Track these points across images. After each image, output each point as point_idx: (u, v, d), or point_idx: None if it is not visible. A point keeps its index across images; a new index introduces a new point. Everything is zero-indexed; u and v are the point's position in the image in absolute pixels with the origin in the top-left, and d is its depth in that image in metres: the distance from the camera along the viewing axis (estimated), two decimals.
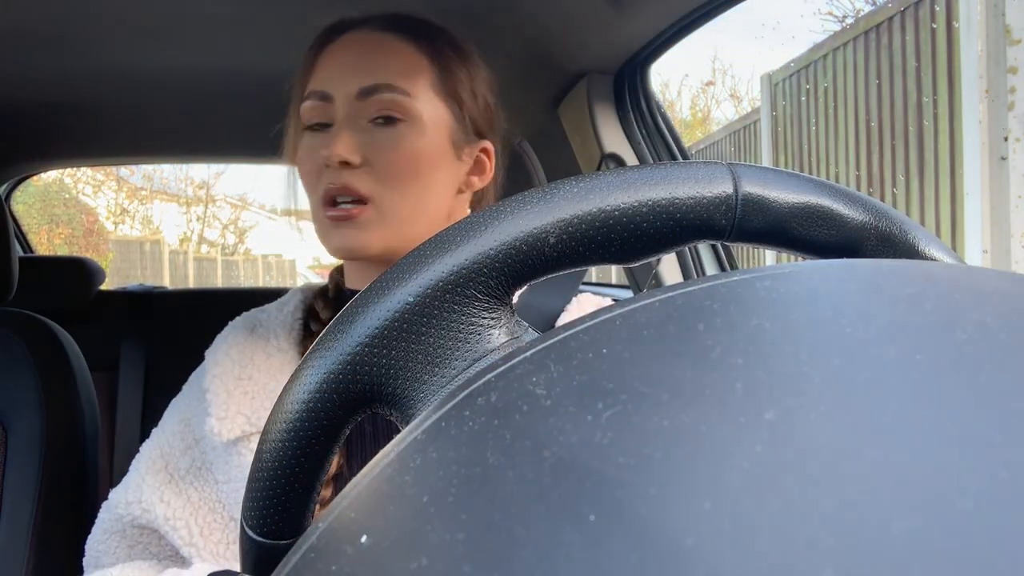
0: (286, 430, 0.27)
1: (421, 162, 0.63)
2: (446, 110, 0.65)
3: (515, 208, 0.27)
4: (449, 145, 0.66)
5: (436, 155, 0.64)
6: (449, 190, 0.67)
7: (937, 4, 3.47)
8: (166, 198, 14.41)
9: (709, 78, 13.77)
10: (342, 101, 0.63)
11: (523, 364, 0.19)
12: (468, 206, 0.71)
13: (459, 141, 0.66)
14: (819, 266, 0.21)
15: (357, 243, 0.63)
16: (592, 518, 0.13)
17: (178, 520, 0.65)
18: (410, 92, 0.63)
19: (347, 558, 0.16)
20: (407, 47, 0.65)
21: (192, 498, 0.66)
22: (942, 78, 3.45)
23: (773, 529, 0.12)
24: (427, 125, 0.64)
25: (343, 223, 0.63)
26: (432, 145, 0.64)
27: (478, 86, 0.69)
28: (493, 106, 0.71)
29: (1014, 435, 0.13)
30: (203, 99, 1.16)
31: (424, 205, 0.65)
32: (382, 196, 0.62)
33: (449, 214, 0.68)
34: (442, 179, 0.65)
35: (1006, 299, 0.19)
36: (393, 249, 0.65)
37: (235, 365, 0.67)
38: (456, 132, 0.66)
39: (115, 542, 0.70)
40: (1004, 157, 3.00)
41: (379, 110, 0.62)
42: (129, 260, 11.73)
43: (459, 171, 0.68)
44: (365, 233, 0.62)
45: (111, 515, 0.70)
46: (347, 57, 0.65)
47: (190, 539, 0.65)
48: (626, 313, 0.20)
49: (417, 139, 0.63)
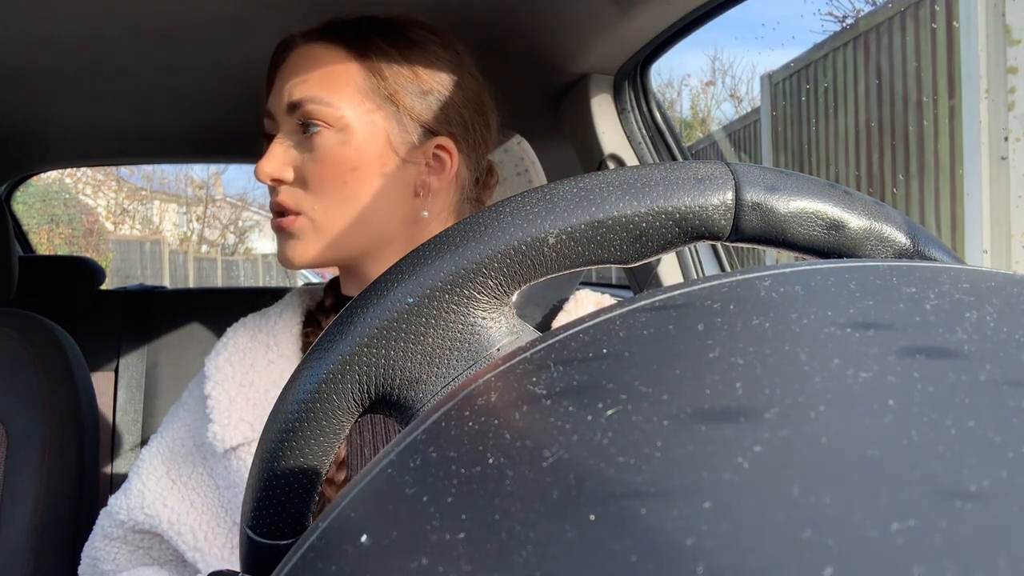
0: (286, 430, 0.27)
1: (346, 170, 0.63)
2: (379, 113, 0.64)
3: (515, 208, 0.27)
4: (387, 148, 0.64)
5: (368, 161, 0.63)
6: (398, 194, 0.65)
7: (937, 4, 3.47)
8: (166, 198, 14.42)
9: (709, 78, 13.75)
10: (279, 118, 0.65)
11: (523, 364, 0.19)
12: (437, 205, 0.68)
13: (401, 142, 0.65)
14: (819, 266, 0.21)
15: (295, 253, 0.64)
16: (592, 518, 0.13)
17: (183, 525, 0.65)
18: (330, 101, 0.63)
19: (347, 558, 0.16)
20: (335, 55, 0.64)
21: (195, 503, 0.66)
22: (942, 78, 3.45)
23: (773, 529, 0.12)
24: (354, 133, 0.63)
25: (283, 235, 0.65)
26: (361, 152, 0.63)
27: (429, 82, 0.66)
28: (461, 98, 0.67)
29: (1014, 435, 0.13)
30: (203, 99, 1.16)
31: (366, 213, 0.64)
32: (312, 207, 0.63)
33: (408, 218, 0.66)
34: (384, 184, 0.64)
35: (1006, 299, 0.19)
36: (349, 258, 0.66)
37: (236, 372, 0.67)
38: (395, 133, 0.64)
39: (115, 548, 0.70)
40: (1004, 157, 3.00)
41: (304, 123, 0.63)
42: (129, 260, 11.73)
43: (408, 173, 0.65)
44: (301, 243, 0.64)
45: (111, 521, 0.69)
46: (285, 73, 0.66)
47: (195, 544, 0.65)
48: (626, 313, 0.20)
49: (342, 148, 0.63)
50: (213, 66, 1.01)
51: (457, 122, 0.67)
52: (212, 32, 0.89)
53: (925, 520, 0.12)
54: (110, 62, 0.98)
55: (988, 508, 0.12)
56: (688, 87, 16.33)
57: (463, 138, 0.68)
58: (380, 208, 0.64)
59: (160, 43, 0.92)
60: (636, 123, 1.04)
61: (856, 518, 0.12)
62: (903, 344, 0.16)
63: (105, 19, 0.85)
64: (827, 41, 4.58)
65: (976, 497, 0.12)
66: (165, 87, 1.09)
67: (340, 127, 0.63)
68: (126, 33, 0.89)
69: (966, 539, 0.11)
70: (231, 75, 1.04)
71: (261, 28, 0.88)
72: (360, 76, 0.64)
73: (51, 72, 1.00)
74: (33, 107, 1.16)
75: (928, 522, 0.11)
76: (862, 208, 0.30)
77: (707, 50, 16.18)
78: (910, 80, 3.70)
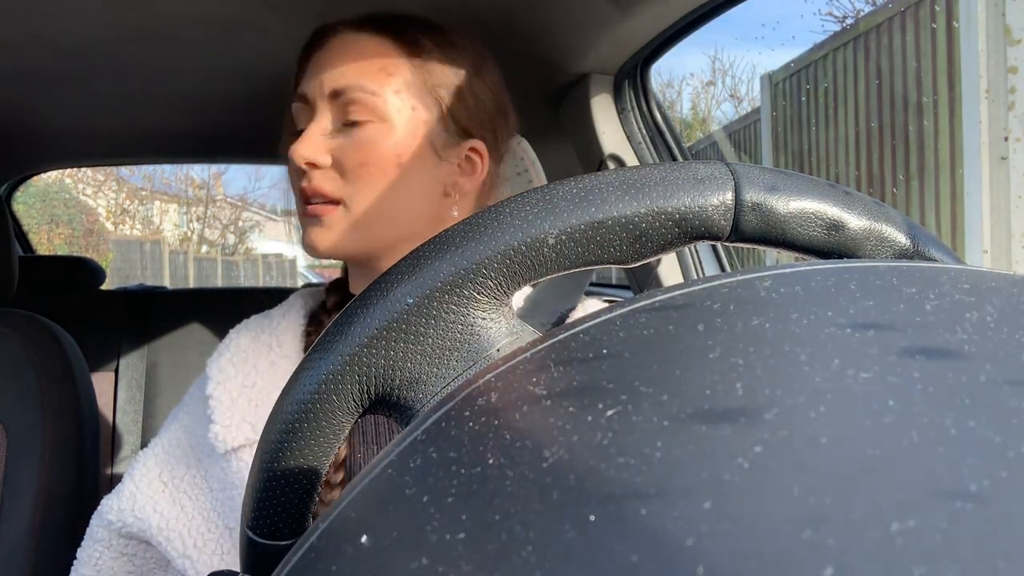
0: (286, 431, 0.27)
1: (388, 163, 0.62)
2: (423, 109, 0.64)
3: (514, 209, 0.27)
4: (427, 145, 0.64)
5: (408, 156, 0.63)
6: (429, 192, 0.65)
7: (937, 4, 3.47)
8: (166, 198, 14.42)
9: (709, 78, 13.75)
10: (318, 103, 0.64)
11: (523, 364, 0.19)
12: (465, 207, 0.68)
13: (440, 141, 0.64)
14: (819, 266, 0.21)
15: (325, 242, 0.63)
16: (592, 518, 0.13)
17: (172, 531, 0.65)
18: (377, 92, 0.62)
19: (347, 558, 0.16)
20: (382, 46, 0.64)
21: (186, 507, 0.66)
22: (942, 78, 3.45)
23: (773, 529, 0.12)
24: (397, 125, 0.62)
25: (313, 221, 0.64)
26: (403, 145, 0.63)
27: (469, 83, 0.66)
28: (492, 103, 0.68)
29: (1014, 435, 0.13)
30: (203, 99, 1.16)
31: (397, 207, 0.63)
32: (350, 197, 0.62)
33: (435, 217, 0.66)
34: (418, 181, 0.64)
35: (1006, 299, 0.19)
36: (371, 252, 0.65)
37: (239, 372, 0.66)
38: (436, 132, 0.64)
39: (98, 551, 0.69)
40: (1004, 157, 3.00)
41: (347, 111, 0.62)
42: (129, 260, 11.73)
43: (441, 172, 0.65)
44: (332, 233, 0.63)
45: (99, 521, 0.69)
46: (324, 60, 0.65)
47: (184, 551, 0.64)
48: (626, 313, 0.20)
49: (385, 139, 0.62)
50: (213, 66, 1.01)
51: (488, 126, 0.68)
52: (212, 32, 0.89)
53: (925, 520, 0.12)
54: (110, 62, 0.98)
55: (988, 508, 0.12)
56: (690, 86, 16.33)
57: (492, 143, 0.68)
58: (411, 204, 0.64)
59: (160, 43, 0.92)
60: (636, 123, 1.04)
61: (856, 518, 0.12)
62: (903, 344, 0.16)
63: (105, 19, 0.85)
64: (827, 41, 4.58)
65: (976, 497, 0.12)
66: (165, 87, 1.09)
67: (384, 118, 0.62)
68: (126, 33, 0.89)
69: (966, 539, 0.11)
70: (231, 75, 1.04)
71: (262, 28, 0.88)
72: (408, 71, 0.64)
73: (51, 72, 1.00)
74: (33, 107, 1.16)
75: (928, 522, 0.11)
76: (862, 208, 0.29)
77: (707, 50, 16.17)
78: (910, 80, 3.70)
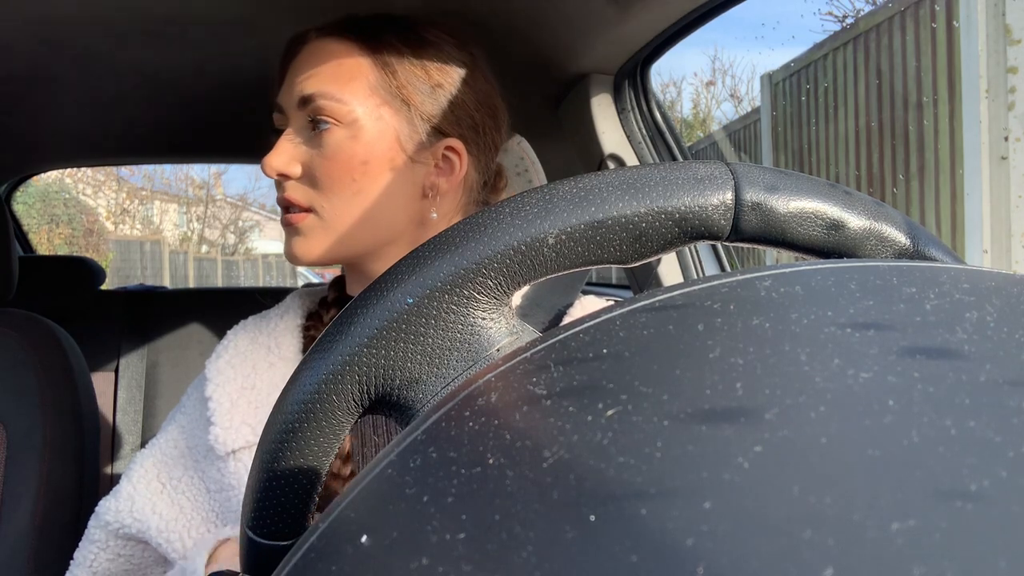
0: (285, 430, 0.27)
1: (355, 168, 0.62)
2: (391, 112, 0.63)
3: (514, 209, 0.27)
4: (397, 148, 0.63)
5: (377, 160, 0.63)
6: (405, 194, 0.65)
7: (937, 4, 3.47)
8: (166, 198, 14.43)
9: (709, 78, 13.75)
10: (289, 112, 0.65)
11: (523, 364, 0.19)
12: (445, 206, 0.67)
13: (411, 143, 0.64)
14: (819, 266, 0.21)
15: (301, 250, 0.64)
16: (592, 518, 0.13)
17: (172, 532, 0.65)
18: (342, 98, 0.62)
19: (347, 558, 0.16)
20: (348, 50, 0.64)
21: (185, 508, 0.66)
22: (942, 78, 3.45)
23: (773, 529, 0.12)
24: (364, 130, 0.62)
25: (291, 231, 0.64)
26: (371, 150, 0.62)
27: (441, 82, 0.65)
28: (472, 100, 0.67)
29: (1014, 435, 0.13)
30: (203, 99, 1.16)
31: (372, 212, 0.63)
32: (321, 204, 0.63)
33: (415, 218, 0.66)
34: (392, 184, 0.63)
35: (1006, 299, 0.19)
36: (353, 257, 0.66)
37: (238, 374, 0.66)
38: (406, 134, 0.64)
39: (94, 552, 0.69)
40: (1004, 157, 3.00)
41: (316, 118, 0.63)
42: (129, 260, 11.73)
43: (416, 174, 0.65)
44: (309, 241, 0.64)
45: (96, 523, 0.69)
46: (296, 68, 0.65)
47: (184, 552, 0.64)
48: (626, 313, 0.20)
49: (351, 145, 0.62)
50: (214, 66, 1.01)
51: (468, 124, 0.67)
52: (213, 32, 0.89)
53: (925, 520, 0.12)
54: (110, 62, 0.98)
55: (988, 508, 0.12)
56: (691, 85, 16.32)
57: (473, 140, 0.67)
58: (388, 207, 0.64)
59: (160, 43, 0.92)
60: (636, 123, 1.04)
61: (856, 518, 0.12)
62: (903, 344, 0.16)
63: (105, 19, 0.85)
64: (827, 41, 4.57)
65: (976, 497, 0.12)
66: (165, 87, 1.09)
67: (350, 123, 0.62)
68: (127, 33, 0.89)
69: (966, 539, 0.11)
70: (231, 75, 1.04)
71: (262, 28, 0.88)
72: (371, 72, 0.63)
73: (51, 72, 1.00)
74: (33, 107, 1.16)
75: (928, 522, 0.11)
76: (862, 208, 0.29)
77: (707, 50, 16.18)
78: (910, 80, 3.70)
